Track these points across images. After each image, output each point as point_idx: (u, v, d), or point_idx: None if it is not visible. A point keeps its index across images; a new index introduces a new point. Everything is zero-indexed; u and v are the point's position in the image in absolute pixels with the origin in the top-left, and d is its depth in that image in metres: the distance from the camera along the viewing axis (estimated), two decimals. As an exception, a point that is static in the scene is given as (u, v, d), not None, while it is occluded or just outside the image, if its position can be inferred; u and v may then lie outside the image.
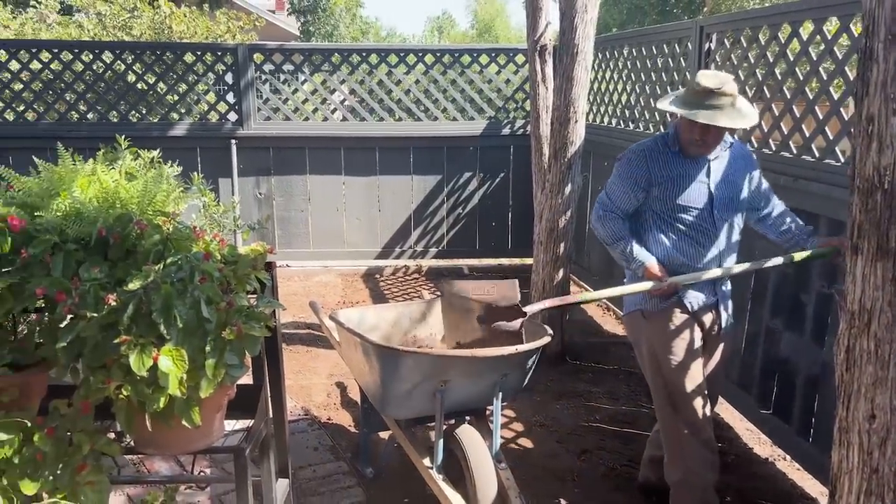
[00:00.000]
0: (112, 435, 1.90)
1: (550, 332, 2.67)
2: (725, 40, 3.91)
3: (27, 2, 9.80)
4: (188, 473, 2.79)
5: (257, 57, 6.19)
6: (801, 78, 3.26)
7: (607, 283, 5.57)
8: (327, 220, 6.52)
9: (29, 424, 1.64)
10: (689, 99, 2.53)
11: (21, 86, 6.10)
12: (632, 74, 5.13)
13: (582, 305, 5.65)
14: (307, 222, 6.52)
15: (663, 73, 4.60)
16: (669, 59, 4.50)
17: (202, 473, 2.66)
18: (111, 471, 1.77)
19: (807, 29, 3.29)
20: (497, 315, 2.59)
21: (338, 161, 6.40)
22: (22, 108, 6.14)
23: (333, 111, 6.64)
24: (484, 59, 6.39)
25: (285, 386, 2.50)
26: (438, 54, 6.43)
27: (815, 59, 3.14)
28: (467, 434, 2.67)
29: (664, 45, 4.58)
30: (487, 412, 2.87)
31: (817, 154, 3.17)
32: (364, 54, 6.36)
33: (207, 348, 1.71)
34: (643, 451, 3.07)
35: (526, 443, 3.44)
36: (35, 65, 6.06)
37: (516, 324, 2.51)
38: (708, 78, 2.50)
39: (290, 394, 3.76)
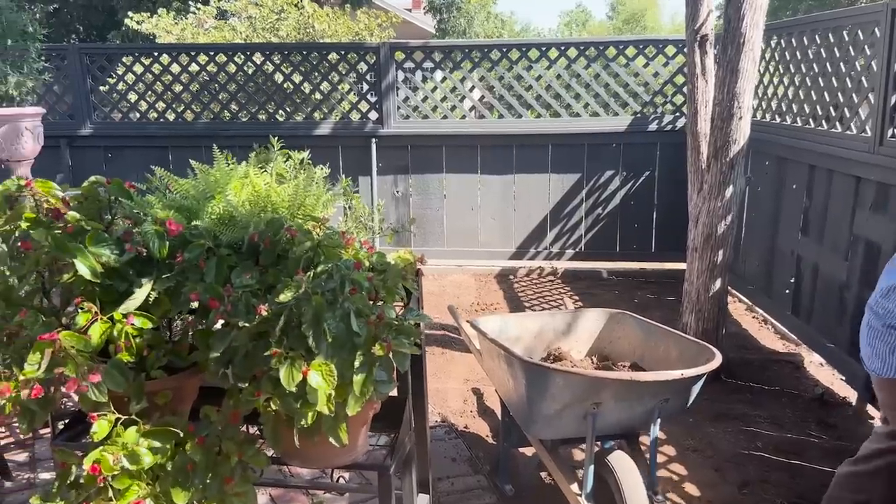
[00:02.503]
0: (258, 432, 1.86)
1: (719, 355, 2.39)
2: (925, 24, 3.41)
3: (188, 9, 10.46)
4: (328, 478, 2.75)
5: (398, 55, 6.19)
6: None
7: (765, 292, 5.11)
8: (462, 219, 6.44)
9: (181, 434, 1.62)
10: None
11: (180, 87, 6.47)
12: (801, 66, 4.64)
13: (736, 317, 5.22)
14: (442, 221, 6.48)
15: (841, 64, 4.10)
16: (850, 48, 4.00)
17: (341, 479, 2.61)
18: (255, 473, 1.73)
19: None
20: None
21: (474, 159, 6.30)
22: (181, 108, 6.51)
23: (471, 109, 6.54)
24: (631, 51, 6.05)
25: (427, 396, 2.40)
26: (582, 47, 6.16)
27: None
28: (620, 460, 2.44)
29: (843, 32, 4.08)
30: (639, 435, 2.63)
31: None
32: (504, 50, 6.21)
33: (356, 363, 1.61)
34: (813, 487, 2.72)
35: (679, 469, 3.16)
36: (193, 67, 6.41)
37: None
38: None
39: (426, 398, 3.69)
